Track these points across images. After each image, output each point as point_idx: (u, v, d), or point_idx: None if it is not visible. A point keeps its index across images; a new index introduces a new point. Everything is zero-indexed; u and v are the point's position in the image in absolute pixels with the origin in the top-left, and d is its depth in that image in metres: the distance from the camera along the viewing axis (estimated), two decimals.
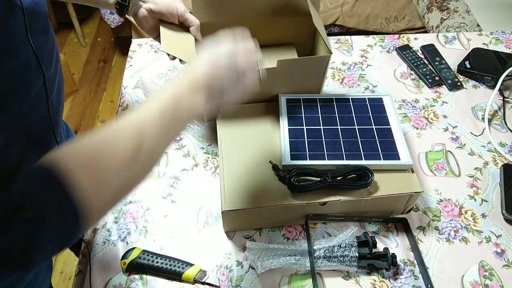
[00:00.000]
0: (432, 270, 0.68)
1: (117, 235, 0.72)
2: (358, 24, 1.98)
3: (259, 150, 0.73)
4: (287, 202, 0.67)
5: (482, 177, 0.80)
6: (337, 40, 1.08)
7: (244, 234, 0.72)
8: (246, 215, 0.68)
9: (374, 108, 0.79)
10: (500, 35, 1.10)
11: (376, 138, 0.74)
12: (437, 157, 0.83)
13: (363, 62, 1.02)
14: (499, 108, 0.92)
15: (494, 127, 0.89)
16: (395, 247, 0.71)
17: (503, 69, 0.93)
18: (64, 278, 1.49)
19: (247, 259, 0.69)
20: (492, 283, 0.67)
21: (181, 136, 0.86)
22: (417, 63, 1.00)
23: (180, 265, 0.66)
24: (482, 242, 0.72)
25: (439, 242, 0.71)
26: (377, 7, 1.98)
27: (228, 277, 0.67)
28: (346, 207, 0.69)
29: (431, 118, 0.90)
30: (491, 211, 0.75)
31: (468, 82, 0.98)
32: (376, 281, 0.67)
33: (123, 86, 0.97)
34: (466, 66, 0.99)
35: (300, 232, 0.72)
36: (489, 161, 0.83)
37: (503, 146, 0.85)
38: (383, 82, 0.98)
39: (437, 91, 0.96)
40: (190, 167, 0.81)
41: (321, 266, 0.66)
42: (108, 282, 0.67)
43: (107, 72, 2.36)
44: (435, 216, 0.75)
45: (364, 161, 0.70)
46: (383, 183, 0.69)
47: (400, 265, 0.68)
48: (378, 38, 1.09)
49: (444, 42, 1.08)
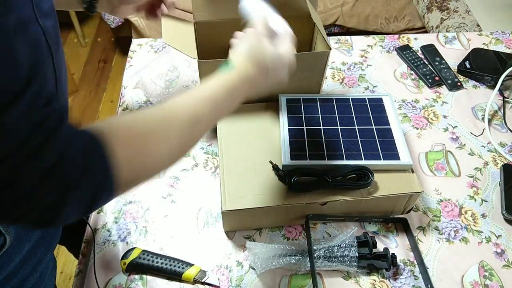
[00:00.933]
0: (432, 270, 0.68)
1: (117, 235, 0.72)
2: (358, 24, 1.98)
3: (259, 150, 0.73)
4: (287, 202, 0.67)
5: (482, 177, 0.80)
6: (337, 40, 1.08)
7: (244, 234, 0.72)
8: (246, 215, 0.68)
9: (374, 108, 0.79)
10: (500, 35, 1.10)
11: (376, 138, 0.74)
12: (437, 157, 0.83)
13: (363, 62, 1.02)
14: (499, 108, 0.92)
15: (494, 127, 0.89)
16: (395, 247, 0.71)
17: (503, 69, 0.93)
18: (64, 278, 1.49)
19: (247, 259, 0.69)
20: (492, 283, 0.67)
21: None
22: (417, 63, 1.00)
23: (180, 265, 0.66)
24: (482, 242, 0.72)
25: (439, 242, 0.71)
26: (377, 7, 1.98)
27: (228, 277, 0.67)
28: (346, 207, 0.69)
29: (431, 118, 0.90)
30: (491, 211, 0.75)
31: (468, 82, 0.98)
32: (376, 281, 0.67)
33: (123, 86, 0.97)
34: (466, 66, 0.99)
35: (300, 232, 0.72)
36: (489, 161, 0.83)
37: (503, 146, 0.85)
38: (383, 82, 0.98)
39: (437, 91, 0.96)
40: (190, 167, 0.81)
41: (321, 266, 0.66)
42: (108, 282, 0.67)
43: (107, 72, 2.36)
44: (435, 216, 0.75)
45: (364, 161, 0.70)
46: (383, 183, 0.69)
47: (400, 265, 0.68)
48: (378, 38, 1.09)
49: (444, 42, 1.08)
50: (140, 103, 0.92)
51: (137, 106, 0.92)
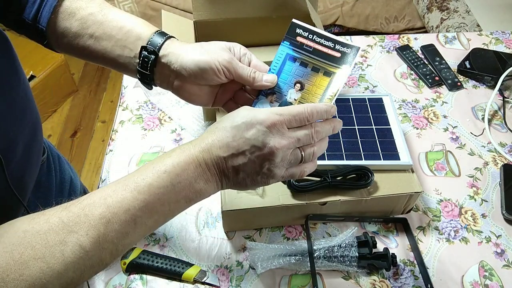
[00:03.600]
0: (432, 270, 0.68)
1: None
2: (358, 24, 1.98)
3: None
4: (287, 202, 0.66)
5: (482, 177, 0.80)
6: None
7: (244, 234, 0.72)
8: (246, 215, 0.68)
9: (374, 108, 0.79)
10: (500, 35, 1.10)
11: (376, 138, 0.74)
12: (437, 157, 0.83)
13: (363, 62, 1.02)
14: (499, 108, 0.92)
15: (494, 127, 0.89)
16: (395, 247, 0.71)
17: (503, 69, 0.93)
18: None
19: (247, 259, 0.69)
20: (492, 283, 0.67)
21: (181, 136, 0.86)
22: (417, 63, 1.00)
23: (180, 265, 0.66)
24: (482, 242, 0.72)
25: (439, 242, 0.71)
26: (377, 7, 1.98)
27: (228, 277, 0.67)
28: (346, 207, 0.69)
29: (431, 118, 0.90)
30: (491, 211, 0.75)
31: (468, 82, 0.98)
32: (376, 281, 0.67)
33: (123, 86, 0.97)
34: (466, 66, 0.99)
35: (300, 232, 0.72)
36: (489, 161, 0.83)
37: (503, 146, 0.85)
38: (383, 82, 0.98)
39: (437, 91, 0.96)
40: None
41: (321, 266, 0.66)
42: (108, 282, 0.67)
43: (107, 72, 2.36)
44: (435, 216, 0.75)
45: (364, 161, 0.70)
46: (383, 183, 0.69)
47: (400, 265, 0.68)
48: (378, 38, 1.09)
49: (444, 42, 1.08)
50: (140, 103, 0.92)
51: (137, 106, 0.92)
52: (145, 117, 0.90)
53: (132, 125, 0.88)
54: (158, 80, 0.54)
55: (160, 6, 2.03)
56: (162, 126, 0.88)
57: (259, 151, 0.44)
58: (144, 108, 0.91)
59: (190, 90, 0.53)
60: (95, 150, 2.05)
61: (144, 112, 0.91)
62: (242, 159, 0.44)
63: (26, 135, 0.55)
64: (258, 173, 0.45)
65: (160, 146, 0.84)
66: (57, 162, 0.72)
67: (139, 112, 0.91)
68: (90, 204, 0.39)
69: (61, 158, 0.75)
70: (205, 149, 0.44)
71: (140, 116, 0.90)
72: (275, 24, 0.87)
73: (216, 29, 0.81)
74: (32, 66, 2.00)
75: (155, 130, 0.87)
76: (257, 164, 0.44)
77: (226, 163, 0.44)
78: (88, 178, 1.94)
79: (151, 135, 0.86)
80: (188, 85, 0.53)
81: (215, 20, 0.80)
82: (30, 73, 1.95)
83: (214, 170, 0.44)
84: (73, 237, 0.37)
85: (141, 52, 0.52)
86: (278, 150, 0.44)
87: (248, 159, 0.44)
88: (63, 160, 0.75)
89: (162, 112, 0.91)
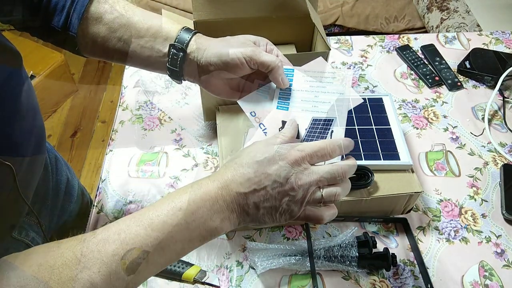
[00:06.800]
0: (432, 270, 0.68)
1: None
2: (358, 24, 1.98)
3: None
4: None
5: (482, 177, 0.80)
6: (337, 40, 1.08)
7: (244, 234, 0.72)
8: None
9: (374, 108, 0.79)
10: (500, 35, 1.10)
11: (376, 138, 0.74)
12: (437, 157, 0.83)
13: (363, 62, 1.02)
14: (499, 108, 0.92)
15: (494, 127, 0.89)
16: (395, 247, 0.71)
17: (503, 69, 0.93)
18: None
19: (247, 259, 0.69)
20: (492, 283, 0.67)
21: (181, 136, 0.86)
22: (417, 63, 1.00)
23: (180, 265, 0.66)
24: (482, 242, 0.72)
25: (439, 242, 0.71)
26: (377, 7, 1.98)
27: (228, 277, 0.67)
28: (346, 207, 0.69)
29: (431, 118, 0.90)
30: (491, 211, 0.75)
31: (468, 82, 0.98)
32: (376, 281, 0.67)
33: (123, 86, 0.97)
34: (466, 66, 0.99)
35: (300, 232, 0.72)
36: (489, 161, 0.83)
37: (503, 146, 0.85)
38: (383, 82, 0.98)
39: (437, 91, 0.96)
40: (190, 167, 0.81)
41: (321, 266, 0.66)
42: None
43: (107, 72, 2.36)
44: (435, 216, 0.75)
45: (364, 161, 0.70)
46: (383, 183, 0.69)
47: (400, 265, 0.68)
48: (378, 38, 1.09)
49: (444, 42, 1.08)
50: (140, 103, 0.92)
51: (137, 106, 0.92)
52: (145, 117, 0.90)
53: (132, 125, 0.88)
54: (187, 75, 0.56)
55: (160, 6, 2.03)
56: (162, 126, 0.88)
57: (280, 186, 0.43)
58: (144, 108, 0.91)
59: (216, 83, 0.56)
60: (95, 150, 2.05)
61: (144, 112, 0.91)
62: (264, 194, 0.43)
63: (33, 143, 0.56)
64: (277, 209, 0.44)
65: (160, 146, 0.84)
66: (54, 163, 0.72)
67: (139, 112, 0.91)
68: (105, 239, 0.40)
69: (58, 159, 0.75)
70: (224, 185, 0.43)
71: (140, 116, 0.90)
72: (275, 24, 0.87)
73: (216, 29, 0.81)
74: (32, 66, 2.00)
75: (155, 130, 0.87)
76: (278, 199, 0.44)
77: (247, 199, 0.43)
78: (88, 178, 1.94)
79: (151, 135, 0.86)
80: (214, 79, 0.55)
81: (215, 20, 0.80)
82: (30, 73, 1.96)
83: (233, 206, 0.44)
84: (85, 273, 0.38)
85: (169, 50, 0.53)
86: (300, 187, 0.44)
87: (269, 194, 0.43)
88: (60, 161, 0.75)
89: (162, 112, 0.91)
